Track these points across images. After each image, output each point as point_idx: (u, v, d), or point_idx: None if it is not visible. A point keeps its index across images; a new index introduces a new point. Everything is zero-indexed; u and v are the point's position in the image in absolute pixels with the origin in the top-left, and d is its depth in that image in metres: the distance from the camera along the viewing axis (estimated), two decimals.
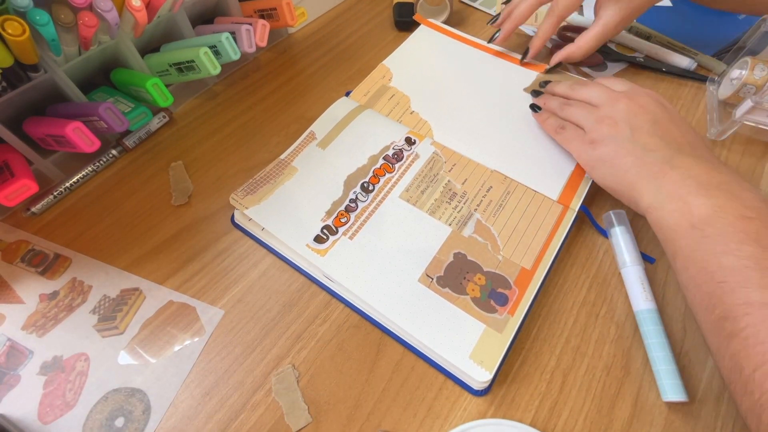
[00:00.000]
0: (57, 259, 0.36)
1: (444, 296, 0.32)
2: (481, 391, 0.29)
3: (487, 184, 0.37)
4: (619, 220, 0.35)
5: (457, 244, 0.34)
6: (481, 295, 0.32)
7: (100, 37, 0.37)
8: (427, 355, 0.31)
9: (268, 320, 0.33)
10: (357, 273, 0.33)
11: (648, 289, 0.32)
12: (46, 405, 0.30)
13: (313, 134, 0.42)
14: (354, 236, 0.35)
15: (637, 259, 0.33)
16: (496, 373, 0.29)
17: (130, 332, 0.32)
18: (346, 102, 0.44)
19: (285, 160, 0.40)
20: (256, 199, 0.37)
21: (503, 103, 0.44)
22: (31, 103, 0.37)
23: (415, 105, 0.45)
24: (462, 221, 0.35)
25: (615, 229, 0.35)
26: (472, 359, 0.29)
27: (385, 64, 0.49)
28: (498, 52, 0.50)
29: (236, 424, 0.29)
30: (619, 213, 0.35)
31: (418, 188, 0.37)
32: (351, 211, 0.36)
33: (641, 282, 0.32)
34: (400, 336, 0.32)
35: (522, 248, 0.34)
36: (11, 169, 0.35)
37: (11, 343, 0.32)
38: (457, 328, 0.30)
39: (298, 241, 0.34)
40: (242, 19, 0.47)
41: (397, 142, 0.40)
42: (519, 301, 0.31)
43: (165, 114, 0.45)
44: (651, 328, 0.30)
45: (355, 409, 0.29)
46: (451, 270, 0.33)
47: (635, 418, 0.29)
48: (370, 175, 0.38)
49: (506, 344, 0.29)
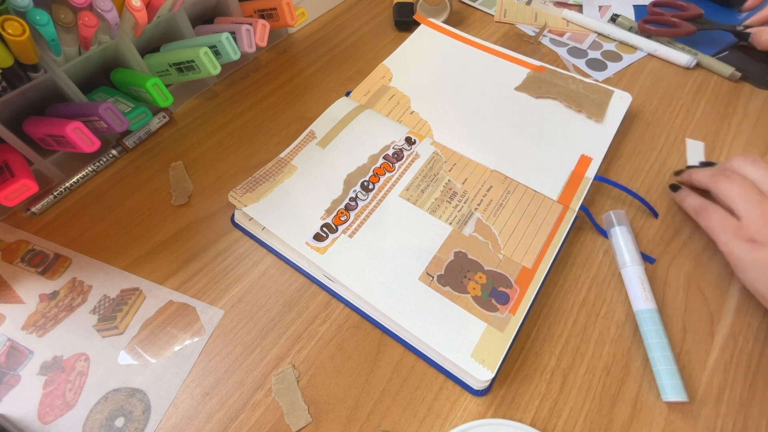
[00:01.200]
0: (57, 259, 0.36)
1: (445, 295, 0.32)
2: (481, 390, 0.29)
3: (487, 184, 0.37)
4: (619, 220, 0.35)
5: (458, 242, 0.34)
6: (482, 293, 0.32)
7: (100, 37, 0.37)
8: (428, 355, 0.31)
9: (268, 320, 0.33)
10: (357, 271, 0.33)
11: (648, 289, 0.32)
12: (46, 405, 0.30)
13: (313, 133, 0.42)
14: (354, 234, 0.35)
15: (637, 259, 0.33)
16: (497, 372, 0.29)
17: (130, 332, 0.32)
18: (347, 102, 0.44)
19: (284, 158, 0.40)
20: (255, 196, 0.37)
21: (503, 103, 0.44)
22: (31, 103, 0.37)
23: (415, 105, 0.45)
24: (462, 220, 0.35)
25: (615, 229, 0.35)
26: (473, 358, 0.29)
27: (385, 65, 0.49)
28: (498, 51, 0.50)
29: (236, 424, 0.29)
30: (619, 213, 0.35)
31: (418, 187, 0.37)
32: (351, 210, 0.36)
33: (641, 282, 0.32)
34: (400, 335, 0.32)
35: (523, 247, 0.34)
36: (11, 169, 0.35)
37: (11, 343, 0.32)
38: (458, 327, 0.30)
39: (298, 238, 0.34)
40: (242, 19, 0.47)
41: (397, 142, 0.40)
42: (520, 300, 0.31)
43: (165, 114, 0.45)
44: (651, 328, 0.30)
45: (355, 409, 0.29)
46: (452, 268, 0.33)
47: (635, 418, 0.29)
48: (370, 174, 0.38)
49: (508, 343, 0.29)
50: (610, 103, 0.43)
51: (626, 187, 0.37)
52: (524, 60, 0.48)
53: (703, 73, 0.49)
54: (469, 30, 0.54)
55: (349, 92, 0.47)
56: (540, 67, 0.47)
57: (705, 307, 0.33)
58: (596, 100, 0.44)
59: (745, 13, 0.53)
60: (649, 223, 0.37)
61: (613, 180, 0.38)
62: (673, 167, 0.41)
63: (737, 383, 0.30)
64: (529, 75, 0.47)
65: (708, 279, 0.34)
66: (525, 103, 0.44)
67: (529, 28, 0.54)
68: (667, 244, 0.36)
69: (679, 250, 0.36)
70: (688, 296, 0.33)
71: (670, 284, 0.34)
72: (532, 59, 0.48)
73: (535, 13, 0.55)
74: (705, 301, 0.33)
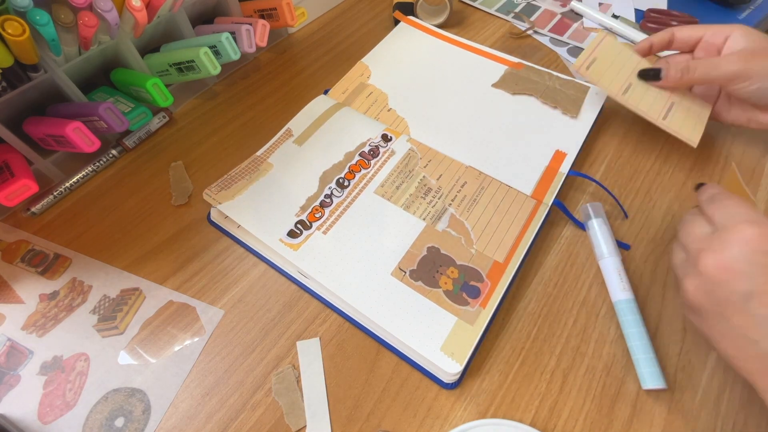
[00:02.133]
0: (57, 259, 0.36)
1: (416, 289, 0.32)
2: (451, 384, 0.30)
3: (461, 180, 0.38)
4: (596, 212, 0.35)
5: (431, 238, 0.34)
6: (454, 288, 0.32)
7: (100, 37, 0.37)
8: (399, 349, 0.31)
9: (268, 320, 0.33)
10: (329, 267, 0.33)
11: (625, 279, 0.32)
12: (46, 405, 0.30)
13: (289, 131, 0.42)
14: (328, 231, 0.35)
15: (614, 251, 0.33)
16: (466, 365, 0.29)
17: (130, 332, 0.32)
18: (324, 99, 0.44)
19: (261, 156, 0.40)
20: (230, 194, 0.37)
21: (479, 100, 0.45)
22: (31, 103, 0.37)
23: (393, 102, 0.45)
24: (436, 216, 0.35)
25: (592, 221, 0.35)
26: (443, 351, 0.29)
27: (364, 62, 0.49)
28: (475, 49, 0.50)
29: (236, 424, 0.29)
30: (596, 205, 0.36)
31: (393, 184, 0.37)
32: (326, 207, 0.36)
33: (618, 273, 0.32)
34: (373, 330, 0.32)
35: (495, 242, 0.34)
36: (11, 169, 0.35)
37: (11, 343, 0.32)
38: (429, 321, 0.30)
39: (272, 236, 0.34)
40: (242, 19, 0.47)
41: (373, 139, 0.40)
42: (491, 294, 0.31)
43: (165, 114, 0.45)
44: (629, 318, 0.31)
45: (355, 409, 0.29)
46: (424, 263, 0.33)
47: (635, 418, 0.29)
48: (346, 171, 0.38)
49: (477, 336, 0.30)
50: (585, 99, 0.44)
51: (599, 182, 0.38)
52: (503, 57, 0.49)
53: None
54: (468, 30, 0.54)
55: (327, 90, 0.47)
56: (517, 64, 0.48)
57: None
58: (572, 96, 0.44)
59: (745, 14, 0.53)
60: (652, 222, 0.37)
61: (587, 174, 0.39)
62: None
63: (737, 383, 0.30)
64: (506, 72, 0.47)
65: None
66: (502, 100, 0.45)
67: (524, 26, 0.54)
68: (667, 244, 0.36)
69: None
70: None
71: (670, 284, 0.34)
72: (512, 56, 0.48)
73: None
74: None
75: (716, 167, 0.41)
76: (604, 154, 0.42)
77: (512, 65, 0.48)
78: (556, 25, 0.55)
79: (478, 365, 0.31)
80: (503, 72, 0.47)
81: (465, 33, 0.54)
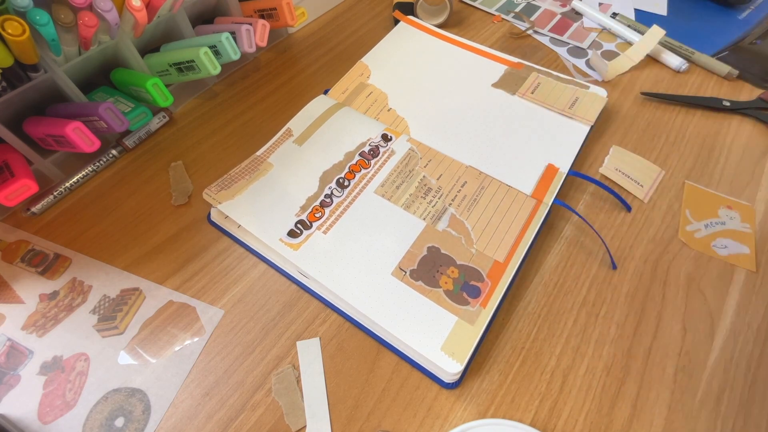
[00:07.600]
0: (57, 259, 0.36)
1: (417, 289, 0.32)
2: (452, 384, 0.30)
3: (461, 180, 0.38)
4: None
5: (431, 237, 0.34)
6: (454, 287, 0.32)
7: (100, 37, 0.37)
8: (399, 349, 0.31)
9: (268, 320, 0.33)
10: (330, 267, 0.33)
11: None
12: (46, 405, 0.30)
13: (289, 131, 0.42)
14: (328, 231, 0.35)
15: None
16: (467, 365, 0.29)
17: (130, 332, 0.32)
18: (324, 99, 0.44)
19: (261, 156, 0.40)
20: (230, 194, 0.37)
21: (480, 100, 0.45)
22: (31, 103, 0.37)
23: (393, 102, 0.45)
24: (436, 216, 0.35)
25: None
26: (443, 351, 0.29)
27: (364, 62, 0.49)
28: (475, 49, 0.50)
29: (236, 424, 0.29)
30: None
31: (393, 183, 0.38)
32: (326, 206, 0.36)
33: None
34: (373, 330, 0.32)
35: (495, 242, 0.34)
36: (11, 169, 0.35)
37: (11, 343, 0.32)
38: (429, 321, 0.30)
39: (272, 235, 0.34)
40: (242, 19, 0.47)
41: (373, 139, 0.40)
42: (491, 294, 0.31)
43: (165, 114, 0.45)
44: None
45: (355, 409, 0.29)
46: (425, 263, 0.33)
47: (635, 418, 0.29)
48: (346, 170, 0.38)
49: (478, 336, 0.30)
50: (585, 100, 0.44)
51: (600, 182, 0.37)
52: (503, 57, 0.49)
53: (703, 73, 0.49)
54: (468, 30, 0.54)
55: (327, 90, 0.47)
56: (517, 64, 0.48)
57: (705, 307, 0.33)
58: (572, 97, 0.44)
59: (745, 14, 0.53)
60: (652, 222, 0.37)
61: (587, 175, 0.38)
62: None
63: (737, 383, 0.30)
64: (506, 72, 0.47)
65: (708, 279, 0.34)
66: (501, 100, 0.45)
67: (524, 26, 0.54)
68: (667, 244, 0.36)
69: (679, 250, 0.36)
70: (688, 296, 0.33)
71: (670, 284, 0.34)
72: (512, 56, 0.48)
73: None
74: (705, 301, 0.33)
75: (716, 167, 0.41)
76: (604, 154, 0.42)
77: (512, 65, 0.48)
78: (556, 24, 0.55)
79: (479, 365, 0.31)
80: (503, 72, 0.47)
81: (465, 33, 0.54)
